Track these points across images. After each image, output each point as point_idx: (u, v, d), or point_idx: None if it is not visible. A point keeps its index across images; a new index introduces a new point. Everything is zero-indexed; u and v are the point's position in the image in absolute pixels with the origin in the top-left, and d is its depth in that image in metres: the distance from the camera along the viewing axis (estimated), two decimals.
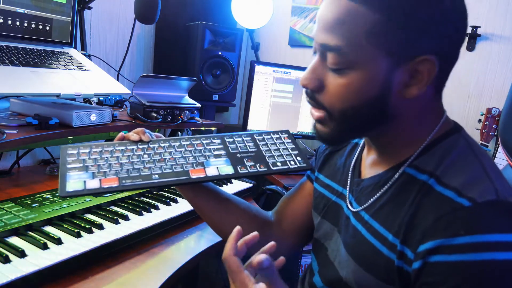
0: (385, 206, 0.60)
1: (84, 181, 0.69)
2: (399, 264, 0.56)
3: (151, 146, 0.78)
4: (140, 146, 0.77)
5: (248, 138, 0.85)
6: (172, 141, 0.80)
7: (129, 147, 0.77)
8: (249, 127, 1.83)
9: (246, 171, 0.77)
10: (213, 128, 1.55)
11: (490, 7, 1.75)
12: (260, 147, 0.83)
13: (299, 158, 0.82)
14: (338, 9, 0.54)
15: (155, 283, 0.74)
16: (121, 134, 0.80)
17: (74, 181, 0.69)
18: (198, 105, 1.34)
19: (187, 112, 1.27)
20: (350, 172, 0.72)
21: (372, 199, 0.63)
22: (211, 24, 1.85)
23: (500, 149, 1.43)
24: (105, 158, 0.74)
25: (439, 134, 0.60)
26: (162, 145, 0.79)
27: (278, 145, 0.85)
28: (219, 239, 0.90)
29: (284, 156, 0.82)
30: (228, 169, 0.77)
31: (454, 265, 0.49)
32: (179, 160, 0.76)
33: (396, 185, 0.60)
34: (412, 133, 0.60)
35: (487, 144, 1.55)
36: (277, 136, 0.87)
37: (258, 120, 1.85)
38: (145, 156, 0.76)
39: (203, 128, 1.47)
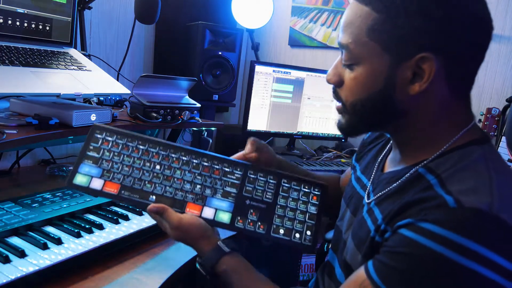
0: (389, 197, 0.64)
1: (91, 178, 0.70)
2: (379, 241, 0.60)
3: (172, 155, 0.75)
4: (161, 152, 0.74)
5: (274, 182, 0.76)
6: (194, 156, 0.75)
7: (150, 149, 0.74)
8: (249, 127, 1.83)
9: (242, 226, 0.71)
10: (213, 128, 1.55)
11: (490, 7, 1.73)
12: (278, 199, 0.74)
13: (308, 233, 0.72)
14: (350, 11, 0.62)
15: (155, 283, 0.74)
16: None
17: (83, 175, 0.70)
18: (198, 105, 1.34)
19: (187, 112, 1.27)
20: (375, 166, 0.75)
21: (383, 191, 0.66)
22: (211, 24, 1.85)
23: (500, 149, 1.43)
24: (122, 155, 0.73)
25: (461, 142, 0.60)
26: (182, 158, 0.74)
27: (299, 204, 0.75)
28: None
29: (295, 223, 0.73)
30: (225, 217, 0.72)
31: (409, 240, 0.52)
32: (184, 186, 0.72)
33: (405, 180, 0.63)
34: (430, 135, 0.62)
35: None
36: (308, 191, 0.76)
37: (258, 120, 1.85)
38: (157, 166, 0.73)
39: (203, 128, 1.47)
